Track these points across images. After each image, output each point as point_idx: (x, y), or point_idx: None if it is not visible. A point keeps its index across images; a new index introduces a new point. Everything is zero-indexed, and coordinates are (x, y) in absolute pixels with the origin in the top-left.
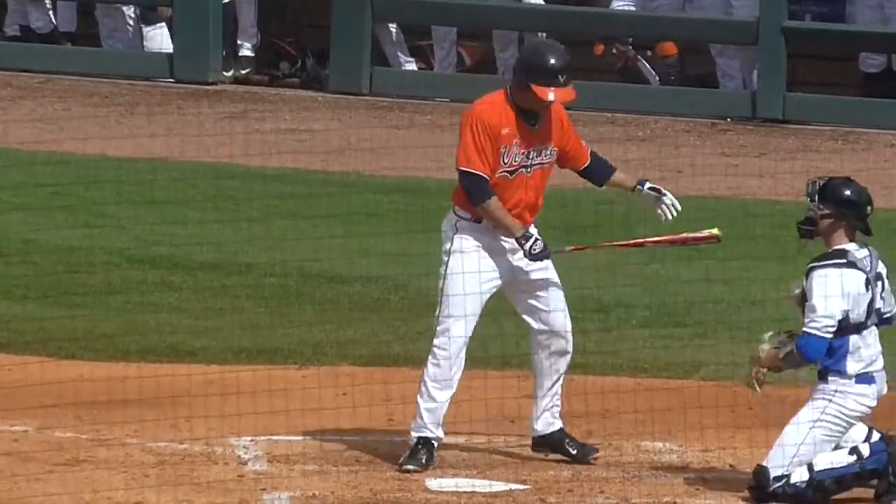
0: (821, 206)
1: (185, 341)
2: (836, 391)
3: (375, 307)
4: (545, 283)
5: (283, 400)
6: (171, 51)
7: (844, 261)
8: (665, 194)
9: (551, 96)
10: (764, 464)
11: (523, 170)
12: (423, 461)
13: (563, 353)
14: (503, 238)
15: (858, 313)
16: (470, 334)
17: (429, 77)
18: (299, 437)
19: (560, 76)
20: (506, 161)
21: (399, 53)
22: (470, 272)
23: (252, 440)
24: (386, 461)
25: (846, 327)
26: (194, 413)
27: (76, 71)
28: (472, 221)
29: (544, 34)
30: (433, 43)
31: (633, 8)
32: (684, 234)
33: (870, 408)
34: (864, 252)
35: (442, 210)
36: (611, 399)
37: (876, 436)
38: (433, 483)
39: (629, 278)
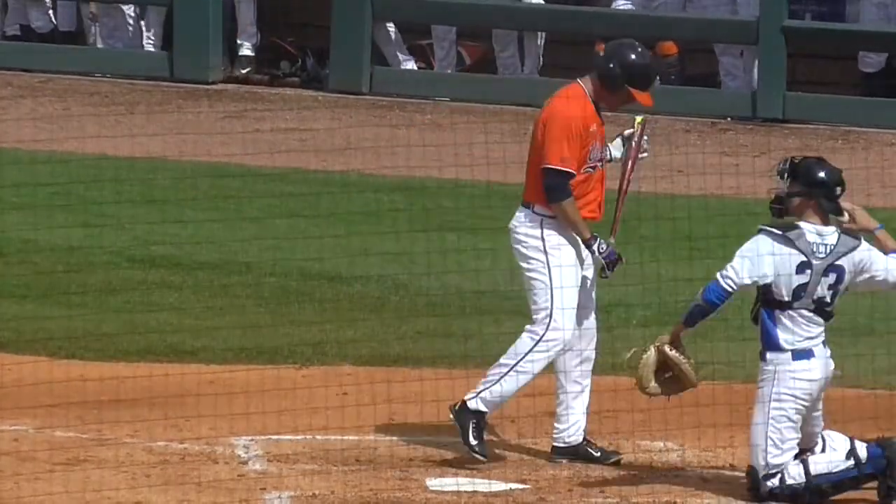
0: (790, 185)
1: (186, 341)
2: (775, 371)
3: (375, 307)
4: (591, 282)
5: (284, 399)
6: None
7: (781, 234)
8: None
9: (648, 101)
10: (752, 465)
11: (600, 164)
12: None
13: (590, 354)
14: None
15: (780, 291)
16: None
17: (429, 76)
18: (299, 437)
19: (654, 80)
20: (592, 157)
21: (398, 53)
22: (571, 265)
23: (252, 440)
24: (386, 461)
25: (769, 300)
26: (194, 413)
27: (76, 70)
28: (553, 219)
29: (544, 34)
30: (433, 42)
31: (632, 7)
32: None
33: (815, 381)
34: (824, 239)
35: (442, 209)
36: (610, 399)
37: (861, 445)
38: (434, 482)
39: (629, 278)
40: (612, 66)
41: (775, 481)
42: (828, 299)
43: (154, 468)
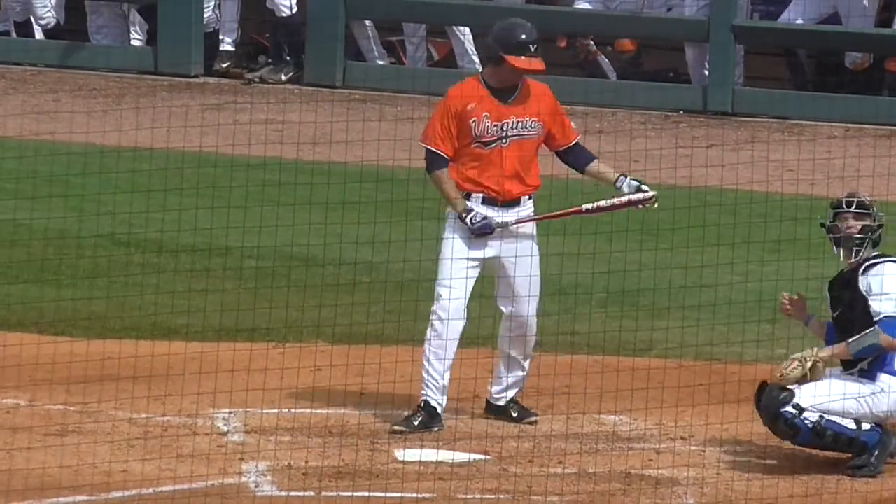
0: (879, 215)
1: (169, 320)
2: (882, 389)
3: (348, 288)
4: (524, 270)
5: (261, 375)
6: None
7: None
8: (645, 188)
9: (524, 64)
10: (793, 389)
11: (499, 141)
12: (415, 424)
13: (524, 337)
14: (494, 216)
15: None
16: (462, 298)
17: (399, 71)
18: (276, 410)
19: (531, 46)
20: (477, 133)
21: (374, 48)
22: (460, 239)
23: (231, 413)
24: (357, 433)
25: None
26: (177, 387)
27: (66, 64)
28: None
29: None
30: (404, 39)
31: (589, 6)
32: (627, 197)
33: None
34: None
35: (411, 197)
36: (570, 376)
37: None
38: (402, 453)
39: (587, 262)
40: (487, 43)
41: (793, 410)
42: None
43: (138, 440)
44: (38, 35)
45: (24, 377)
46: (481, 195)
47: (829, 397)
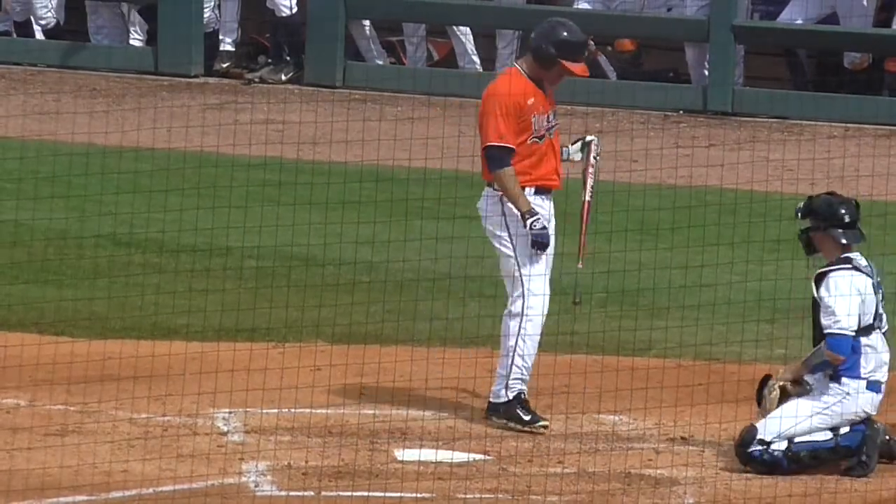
0: (809, 221)
1: (169, 320)
2: (847, 393)
3: (348, 288)
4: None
5: (261, 375)
6: None
7: (850, 266)
8: (589, 138)
9: (580, 70)
10: (755, 425)
11: (548, 133)
12: (527, 419)
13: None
14: (543, 206)
15: (867, 315)
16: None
17: (400, 71)
18: (276, 410)
19: (583, 51)
20: (536, 128)
21: (372, 48)
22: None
23: (231, 413)
24: (357, 433)
25: (857, 329)
26: (177, 387)
27: (66, 64)
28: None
29: (519, 31)
30: (403, 39)
31: (589, 7)
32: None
33: (868, 414)
34: (865, 262)
35: (411, 197)
36: (569, 375)
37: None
38: (402, 453)
39: (587, 262)
40: (543, 45)
41: (759, 447)
42: (884, 317)
43: (138, 439)
44: (39, 35)
45: (24, 377)
46: (534, 187)
47: (794, 419)
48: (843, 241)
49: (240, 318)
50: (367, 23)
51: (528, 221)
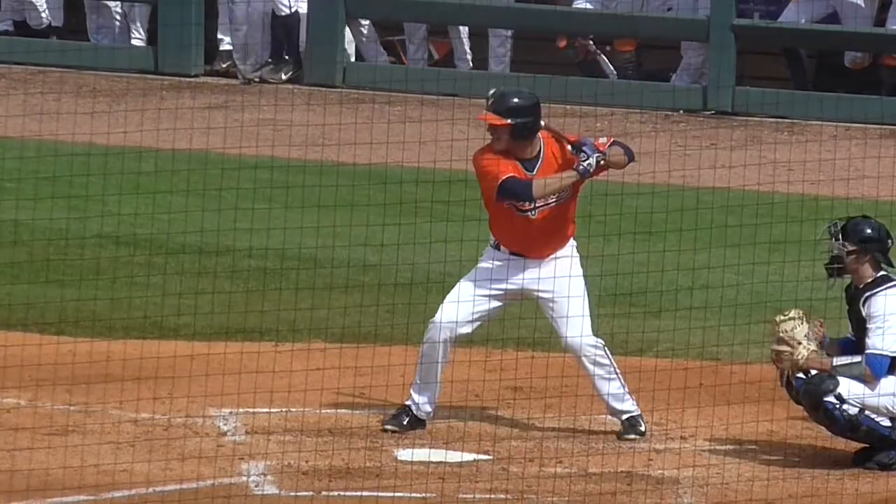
0: (845, 244)
1: (169, 319)
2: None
3: (347, 288)
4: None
5: (262, 375)
6: None
7: (894, 281)
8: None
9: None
10: (838, 379)
11: (528, 213)
12: (405, 424)
13: (572, 351)
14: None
15: None
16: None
17: (400, 71)
18: (275, 410)
19: (487, 101)
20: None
21: (373, 47)
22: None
23: (231, 412)
24: (357, 432)
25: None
26: (177, 387)
27: (66, 64)
28: (493, 248)
29: (510, 31)
30: (404, 38)
31: (590, 6)
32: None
33: None
34: None
35: (411, 197)
36: (570, 376)
37: None
38: (402, 453)
39: (587, 262)
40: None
41: (835, 401)
42: None
43: (139, 439)
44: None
45: (25, 377)
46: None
47: (872, 392)
48: (885, 265)
49: (240, 319)
50: (366, 22)
51: (584, 164)
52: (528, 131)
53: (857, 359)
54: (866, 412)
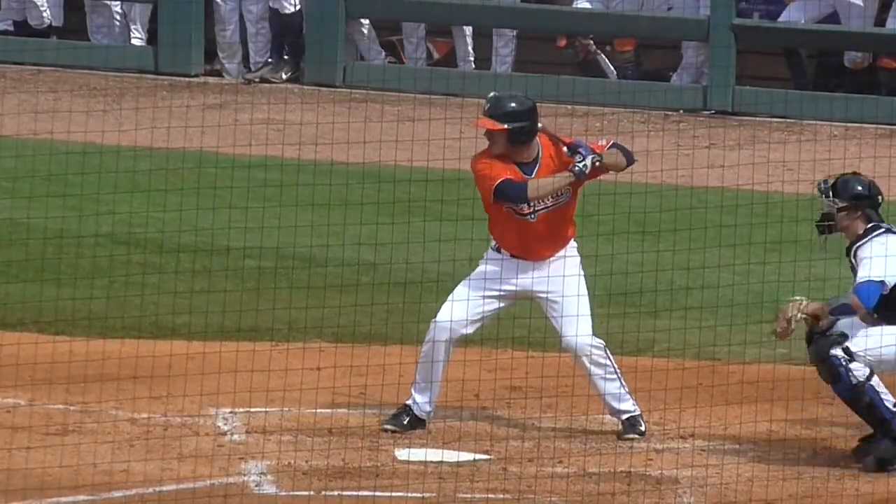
0: (836, 201)
1: (167, 319)
2: None
3: (348, 288)
4: (558, 297)
5: (261, 374)
6: None
7: (883, 229)
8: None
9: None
10: (845, 332)
11: (528, 216)
12: (405, 423)
13: (572, 351)
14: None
15: None
16: (456, 318)
17: (399, 71)
18: (275, 410)
19: (485, 106)
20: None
21: (371, 48)
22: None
23: (231, 412)
24: (357, 432)
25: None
26: (177, 387)
27: (66, 63)
28: (494, 251)
29: (514, 30)
30: (403, 38)
31: (590, 6)
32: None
33: None
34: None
35: (411, 197)
36: (569, 376)
37: None
38: (402, 453)
39: (587, 262)
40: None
41: (842, 353)
42: None
43: (138, 439)
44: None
45: (23, 376)
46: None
47: (881, 346)
48: (874, 219)
49: (240, 319)
50: (365, 22)
51: (576, 171)
52: (525, 135)
53: (850, 294)
54: (873, 383)
